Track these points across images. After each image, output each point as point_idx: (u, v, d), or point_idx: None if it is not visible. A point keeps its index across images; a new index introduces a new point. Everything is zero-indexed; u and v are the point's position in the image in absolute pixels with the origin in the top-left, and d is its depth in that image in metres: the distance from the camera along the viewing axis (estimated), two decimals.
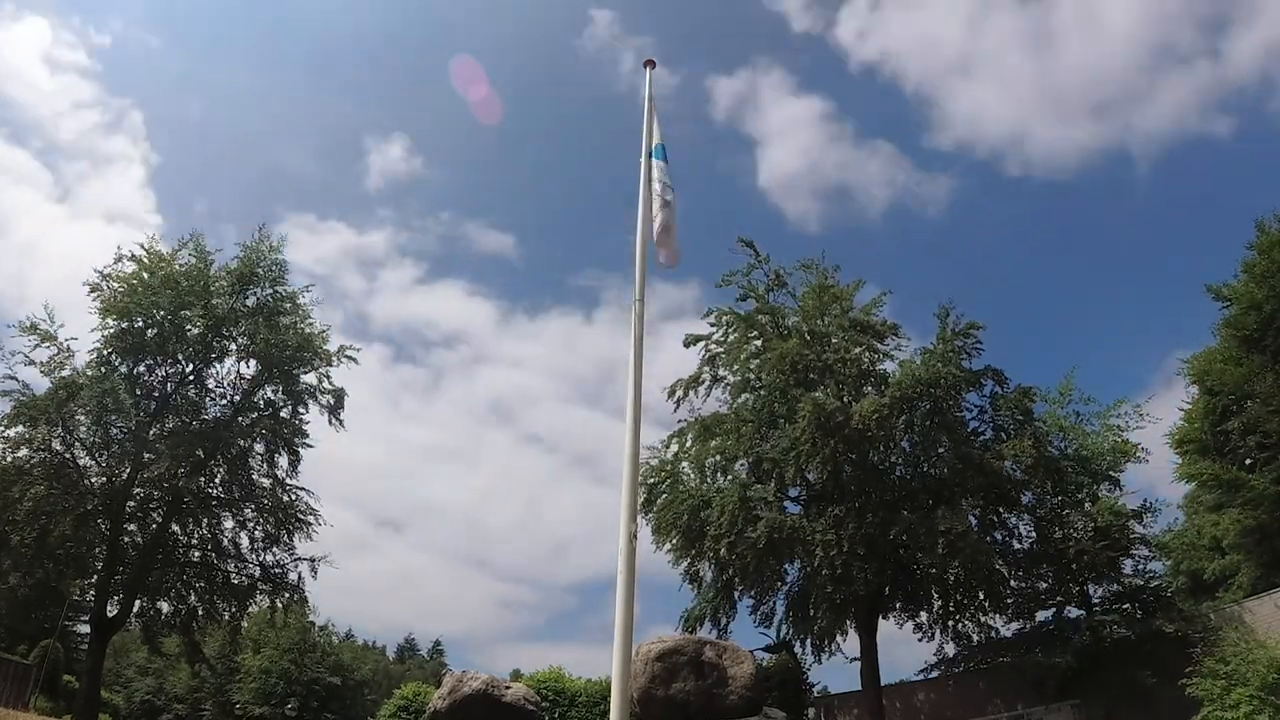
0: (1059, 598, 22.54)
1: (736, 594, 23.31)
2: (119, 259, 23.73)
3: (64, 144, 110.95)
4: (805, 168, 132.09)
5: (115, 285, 23.34)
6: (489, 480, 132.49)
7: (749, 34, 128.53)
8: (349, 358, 26.04)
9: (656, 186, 7.78)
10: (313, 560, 25.24)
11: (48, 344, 22.63)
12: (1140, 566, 22.60)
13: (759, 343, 24.44)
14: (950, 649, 23.06)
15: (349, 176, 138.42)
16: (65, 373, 22.52)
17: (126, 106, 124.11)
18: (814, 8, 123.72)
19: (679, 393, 24.47)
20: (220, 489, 24.99)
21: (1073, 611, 22.35)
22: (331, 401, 25.64)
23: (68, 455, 22.44)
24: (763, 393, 23.98)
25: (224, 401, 25.28)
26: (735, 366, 24.77)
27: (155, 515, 24.04)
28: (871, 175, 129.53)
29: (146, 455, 22.68)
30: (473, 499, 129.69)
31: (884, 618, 22.55)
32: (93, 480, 22.85)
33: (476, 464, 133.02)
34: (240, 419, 24.96)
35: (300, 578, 25.30)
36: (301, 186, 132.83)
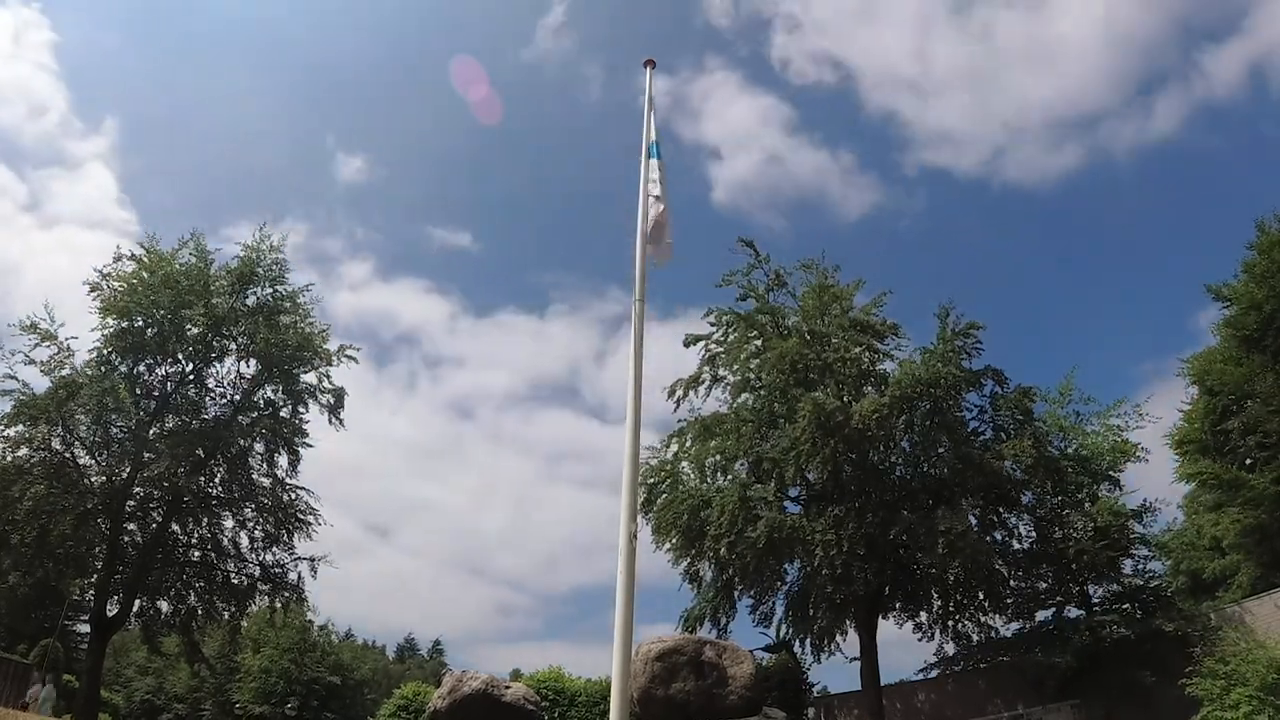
0: (1059, 598, 22.56)
1: (736, 594, 23.33)
2: (119, 258, 23.73)
3: (30, 150, 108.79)
4: (765, 170, 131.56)
5: (115, 284, 23.32)
6: (479, 483, 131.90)
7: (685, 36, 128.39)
8: (349, 357, 26.05)
9: (654, 188, 7.78)
10: (312, 560, 25.27)
11: (48, 343, 22.61)
12: (1140, 566, 22.69)
13: (759, 342, 24.44)
14: (950, 649, 23.11)
15: (313, 182, 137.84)
16: (65, 372, 22.49)
17: (90, 109, 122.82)
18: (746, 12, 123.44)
19: (679, 393, 24.48)
20: (220, 488, 24.96)
21: (1073, 611, 22.40)
22: (331, 401, 25.64)
23: (68, 454, 22.42)
24: (763, 392, 23.98)
25: (224, 401, 25.26)
26: (735, 366, 24.79)
27: (155, 515, 24.02)
28: (836, 181, 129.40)
29: (146, 455, 22.66)
30: (464, 503, 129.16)
31: (884, 618, 22.56)
32: (93, 479, 22.82)
33: (462, 467, 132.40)
34: (240, 418, 24.94)
35: (300, 577, 25.32)
36: (264, 190, 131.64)
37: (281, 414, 25.46)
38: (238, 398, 25.22)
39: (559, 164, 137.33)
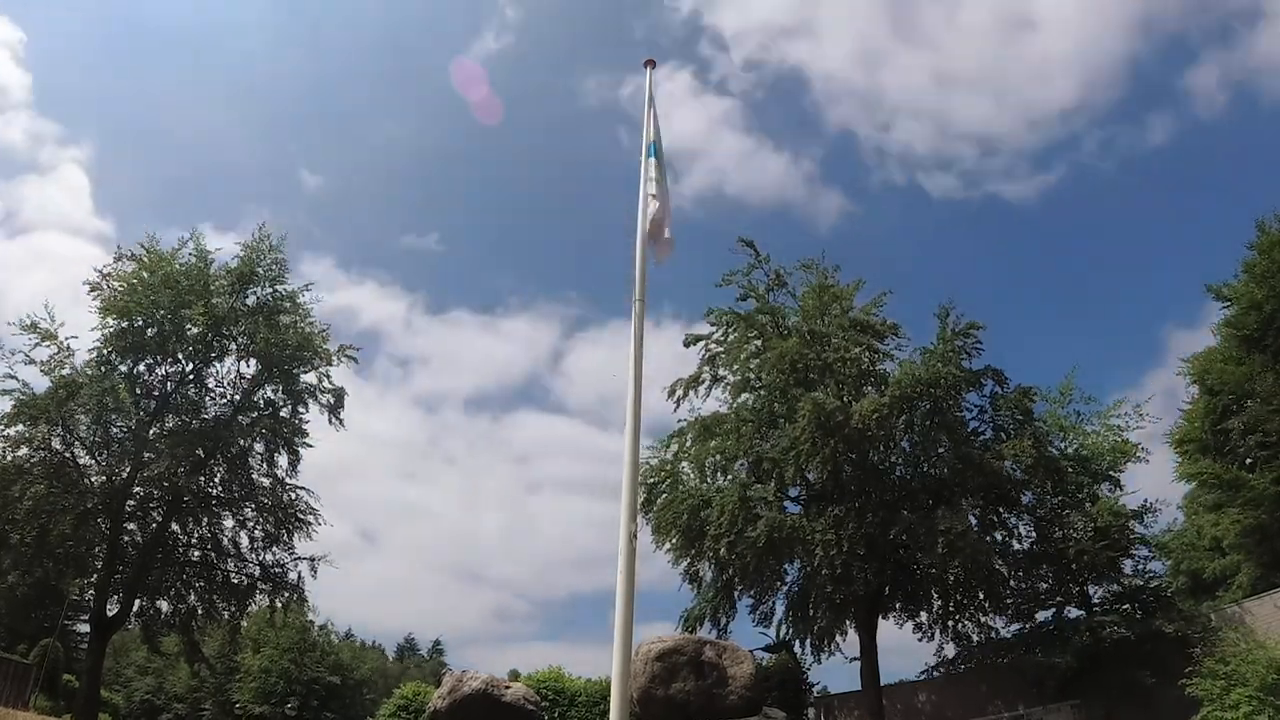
0: (1059, 598, 22.52)
1: (736, 594, 23.33)
2: (119, 258, 23.79)
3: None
4: (723, 180, 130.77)
5: (115, 284, 23.34)
6: (465, 484, 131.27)
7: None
8: (349, 357, 26.10)
9: (652, 188, 7.76)
10: (312, 560, 25.32)
11: (47, 343, 22.64)
12: (1140, 566, 22.60)
13: (759, 342, 24.44)
14: (950, 649, 23.09)
15: (278, 182, 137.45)
16: (65, 371, 22.53)
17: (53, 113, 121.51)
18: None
19: (679, 392, 24.49)
20: (220, 488, 25.00)
21: (1073, 612, 22.33)
22: (331, 401, 25.67)
23: (67, 454, 22.44)
24: (763, 392, 23.99)
25: (224, 401, 25.29)
26: (735, 366, 24.79)
27: (155, 514, 24.05)
28: (801, 190, 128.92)
29: (146, 454, 22.67)
30: (453, 503, 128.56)
31: (884, 618, 22.55)
32: (93, 479, 22.84)
33: (447, 468, 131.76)
34: (240, 418, 24.96)
35: (300, 577, 25.37)
36: (228, 193, 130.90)
37: (281, 414, 25.49)
38: (238, 398, 25.24)
39: (525, 166, 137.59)
